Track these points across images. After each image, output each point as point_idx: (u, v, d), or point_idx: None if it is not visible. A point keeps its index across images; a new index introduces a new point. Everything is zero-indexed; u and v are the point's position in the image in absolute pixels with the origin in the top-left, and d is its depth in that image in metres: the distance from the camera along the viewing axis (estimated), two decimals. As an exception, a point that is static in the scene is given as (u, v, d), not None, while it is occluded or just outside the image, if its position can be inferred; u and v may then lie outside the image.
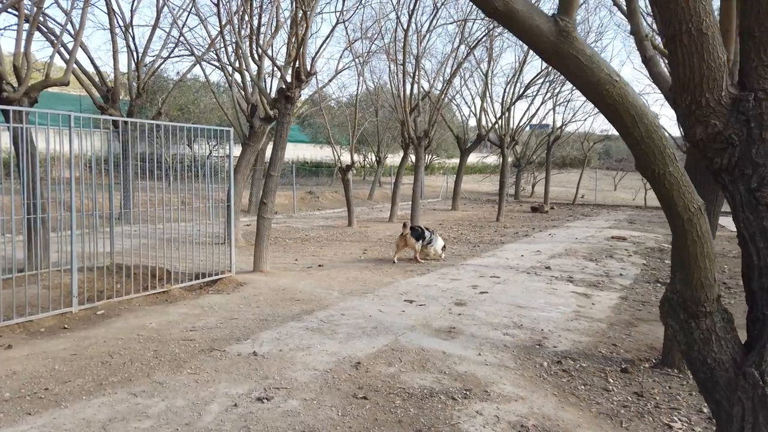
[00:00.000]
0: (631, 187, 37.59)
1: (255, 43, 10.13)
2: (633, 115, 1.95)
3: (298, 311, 6.52)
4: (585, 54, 1.86)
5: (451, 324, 6.09)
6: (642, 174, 2.07)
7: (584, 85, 1.87)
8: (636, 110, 1.95)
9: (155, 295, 7.21)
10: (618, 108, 1.88)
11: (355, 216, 16.80)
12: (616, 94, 1.89)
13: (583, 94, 1.96)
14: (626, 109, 1.88)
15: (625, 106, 1.87)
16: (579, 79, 1.86)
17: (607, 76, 1.84)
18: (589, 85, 1.85)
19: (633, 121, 1.95)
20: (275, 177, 8.83)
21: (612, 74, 1.84)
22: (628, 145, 1.96)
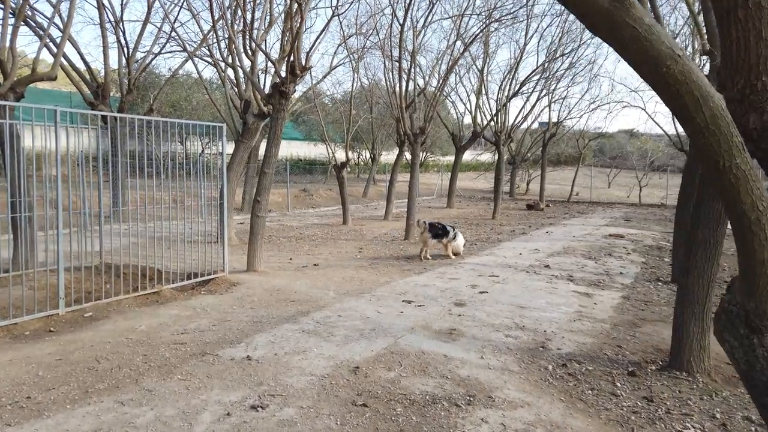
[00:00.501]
0: (625, 184, 37.59)
1: (248, 37, 9.90)
2: (697, 97, 1.71)
3: (294, 312, 6.32)
4: (643, 24, 1.63)
5: (452, 325, 5.91)
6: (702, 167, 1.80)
7: (641, 60, 1.64)
8: (701, 91, 1.70)
9: (146, 295, 6.99)
10: (679, 88, 1.65)
11: (350, 214, 16.61)
12: (678, 71, 1.65)
13: (638, 71, 1.73)
14: (689, 89, 1.65)
15: (688, 86, 1.64)
16: (635, 54, 1.64)
17: (668, 50, 1.62)
18: (646, 60, 1.62)
19: (696, 104, 1.72)
20: (269, 174, 8.62)
21: (674, 48, 1.61)
22: (687, 132, 1.74)
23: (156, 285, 7.25)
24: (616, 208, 25.52)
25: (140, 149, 15.41)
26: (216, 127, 8.00)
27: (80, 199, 7.17)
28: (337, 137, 35.89)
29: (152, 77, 24.88)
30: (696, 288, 4.79)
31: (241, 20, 10.77)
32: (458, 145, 23.30)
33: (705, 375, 4.76)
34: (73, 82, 13.62)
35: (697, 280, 4.79)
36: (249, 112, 11.99)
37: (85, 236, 7.16)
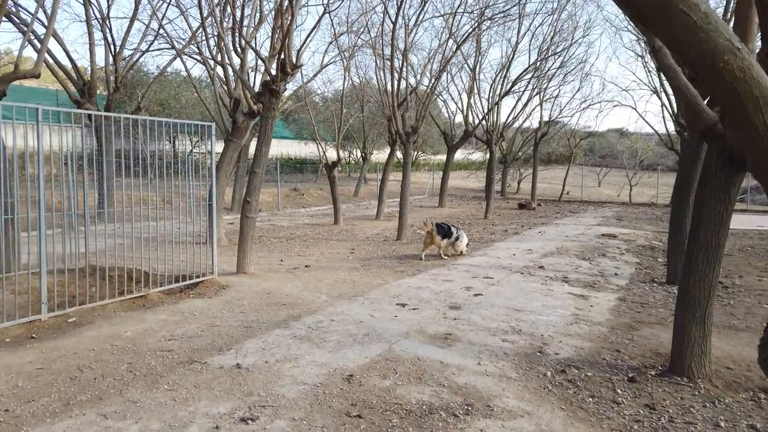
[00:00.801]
0: (615, 183, 37.71)
1: (238, 35, 9.71)
2: (756, 97, 1.49)
3: (285, 317, 6.16)
4: (698, 12, 1.43)
5: (447, 330, 5.77)
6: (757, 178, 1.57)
7: (695, 54, 1.45)
8: (761, 90, 1.49)
9: (132, 299, 6.80)
10: (737, 86, 1.46)
11: (341, 214, 16.45)
12: (737, 67, 1.45)
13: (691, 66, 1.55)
14: (748, 88, 1.46)
15: (747, 84, 1.45)
16: (688, 46, 1.45)
17: (726, 42, 1.42)
18: (701, 53, 1.41)
19: (756, 105, 1.50)
20: (260, 174, 8.44)
21: (732, 40, 1.42)
22: (742, 138, 1.57)
23: (143, 288, 7.06)
24: (607, 207, 25.54)
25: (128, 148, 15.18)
26: (206, 126, 7.82)
27: (65, 200, 6.96)
28: (328, 136, 35.70)
29: (140, 75, 24.57)
30: (697, 291, 4.68)
31: (230, 17, 10.58)
32: (450, 144, 23.20)
33: (706, 380, 4.65)
34: (58, 79, 13.34)
35: (698, 284, 4.68)
36: (239, 111, 11.80)
37: (69, 238, 6.95)
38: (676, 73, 4.67)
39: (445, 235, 10.44)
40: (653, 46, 4.73)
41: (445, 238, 10.45)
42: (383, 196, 18.01)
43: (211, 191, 8.32)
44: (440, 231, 10.39)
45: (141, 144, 8.00)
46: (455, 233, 10.65)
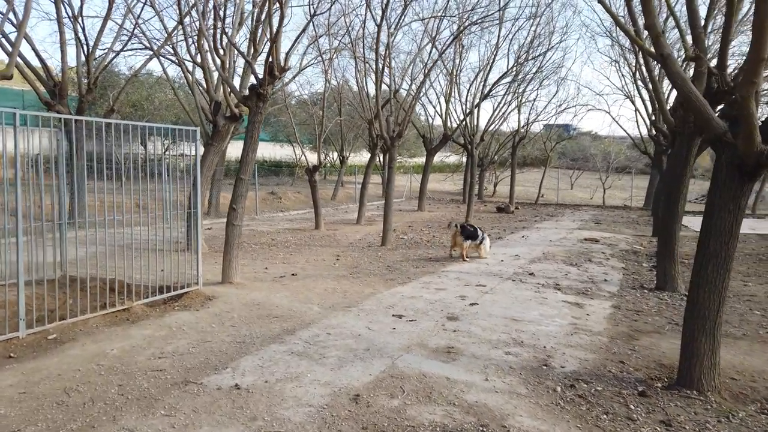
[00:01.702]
0: (587, 186, 38.20)
1: (222, 35, 9.42)
2: None
3: (279, 331, 5.92)
4: None
5: (449, 343, 5.61)
6: None
7: None
8: None
9: (114, 313, 6.47)
10: None
11: (322, 218, 16.19)
12: None
13: None
14: None
15: None
16: None
17: None
18: None
19: None
20: (245, 181, 8.17)
21: None
22: None
23: (126, 301, 6.74)
24: (583, 210, 25.80)
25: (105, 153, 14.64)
26: (189, 131, 7.53)
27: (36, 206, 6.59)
28: (305, 139, 35.34)
29: (111, 76, 23.89)
30: (707, 303, 4.62)
31: (212, 15, 10.26)
32: (429, 148, 23.12)
33: (716, 393, 4.59)
34: (28, 80, 12.80)
35: (708, 295, 4.62)
36: (219, 114, 11.48)
37: (45, 246, 6.58)
38: (685, 81, 4.60)
39: (468, 237, 10.65)
40: (661, 53, 4.65)
41: (469, 239, 10.66)
42: (364, 200, 17.81)
43: (192, 198, 8.02)
44: (464, 233, 10.61)
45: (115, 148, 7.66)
46: (480, 236, 10.86)
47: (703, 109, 4.58)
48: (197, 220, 7.78)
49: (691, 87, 4.59)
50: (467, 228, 10.70)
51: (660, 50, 4.69)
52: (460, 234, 10.52)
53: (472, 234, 10.69)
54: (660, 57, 4.69)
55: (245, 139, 8.11)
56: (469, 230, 10.67)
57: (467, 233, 10.60)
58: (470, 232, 10.67)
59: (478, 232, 10.86)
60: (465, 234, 10.57)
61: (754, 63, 3.87)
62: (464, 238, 10.55)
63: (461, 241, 10.54)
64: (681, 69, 4.65)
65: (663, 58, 4.66)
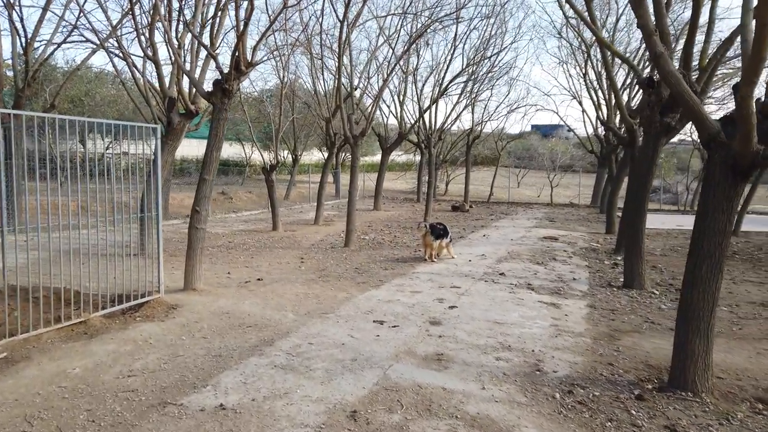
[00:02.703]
0: (533, 184, 39.02)
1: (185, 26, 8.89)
2: None
3: (256, 341, 5.56)
4: None
5: (437, 350, 5.41)
6: None
7: None
8: None
9: (70, 327, 5.94)
10: None
11: (280, 219, 15.73)
12: None
13: None
14: None
15: None
16: None
17: None
18: None
19: None
20: (209, 181, 7.73)
21: None
22: None
23: (82, 312, 6.20)
24: (535, 209, 26.24)
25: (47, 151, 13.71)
26: (149, 128, 7.04)
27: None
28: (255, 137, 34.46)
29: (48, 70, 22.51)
30: (701, 303, 4.60)
31: (167, 5, 9.71)
32: (384, 147, 22.95)
33: (710, 394, 4.58)
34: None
35: (701, 295, 4.60)
36: (174, 111, 10.93)
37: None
38: (679, 80, 4.56)
39: (438, 236, 10.51)
40: (654, 52, 4.60)
41: (439, 239, 10.52)
42: (322, 200, 17.44)
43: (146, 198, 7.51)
44: (434, 232, 10.47)
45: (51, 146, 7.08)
46: (450, 234, 10.79)
47: (696, 109, 4.55)
48: (158, 224, 7.28)
49: (685, 86, 4.56)
50: (437, 227, 10.59)
51: (653, 49, 4.63)
52: (430, 234, 10.36)
53: (442, 233, 10.56)
54: (653, 55, 4.63)
55: (209, 138, 7.67)
56: (439, 230, 10.57)
57: (437, 233, 10.48)
58: (440, 231, 10.55)
59: (448, 231, 10.77)
60: (435, 234, 10.43)
61: (755, 62, 3.84)
62: (434, 237, 10.40)
63: (431, 241, 10.41)
64: (674, 68, 4.60)
65: (656, 57, 4.61)
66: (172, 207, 18.96)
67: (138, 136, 7.00)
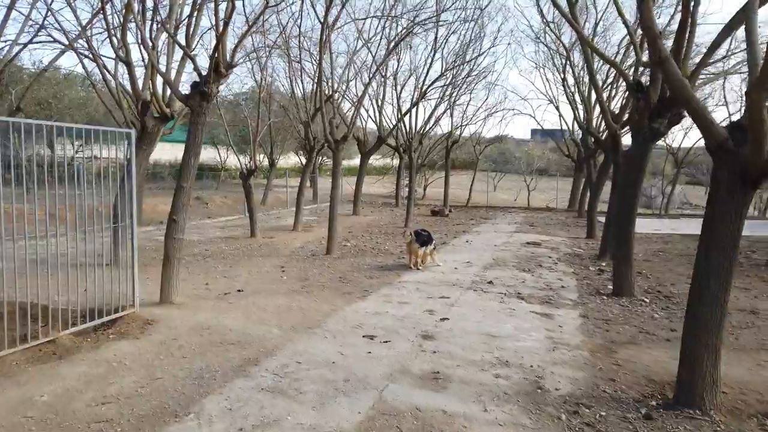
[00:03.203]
0: (508, 188, 39.16)
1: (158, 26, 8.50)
2: None
3: (239, 361, 5.23)
4: None
5: (432, 367, 5.15)
6: None
7: None
8: None
9: (38, 347, 5.51)
10: None
11: (258, 225, 15.32)
12: None
13: None
14: None
15: None
16: None
17: None
18: None
19: None
20: (187, 189, 7.36)
21: None
22: None
23: (50, 330, 5.77)
24: (513, 213, 26.26)
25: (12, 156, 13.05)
26: (124, 133, 6.65)
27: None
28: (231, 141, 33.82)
29: (13, 71, 21.69)
30: (709, 317, 4.42)
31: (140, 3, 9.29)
32: (363, 151, 22.68)
33: (718, 411, 4.41)
34: None
35: (710, 309, 4.42)
36: (148, 115, 10.51)
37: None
38: (685, 86, 4.39)
39: (423, 243, 10.33)
40: (658, 56, 4.42)
41: (424, 246, 10.34)
42: (301, 206, 17.09)
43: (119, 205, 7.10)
44: (419, 239, 10.28)
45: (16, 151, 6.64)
46: (435, 240, 10.62)
47: (703, 115, 4.38)
48: (133, 233, 6.89)
49: (691, 91, 4.39)
50: (422, 234, 10.38)
51: (657, 53, 4.45)
52: (415, 242, 10.13)
53: (426, 240, 10.35)
54: (657, 60, 4.45)
55: (187, 143, 7.30)
56: (424, 236, 10.36)
57: (422, 240, 10.27)
58: (425, 238, 10.34)
59: (432, 237, 10.58)
60: (420, 241, 10.23)
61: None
62: (419, 245, 10.18)
63: (416, 248, 10.19)
64: (680, 73, 4.43)
65: (662, 61, 4.43)
66: (146, 213, 18.38)
67: (111, 140, 6.61)
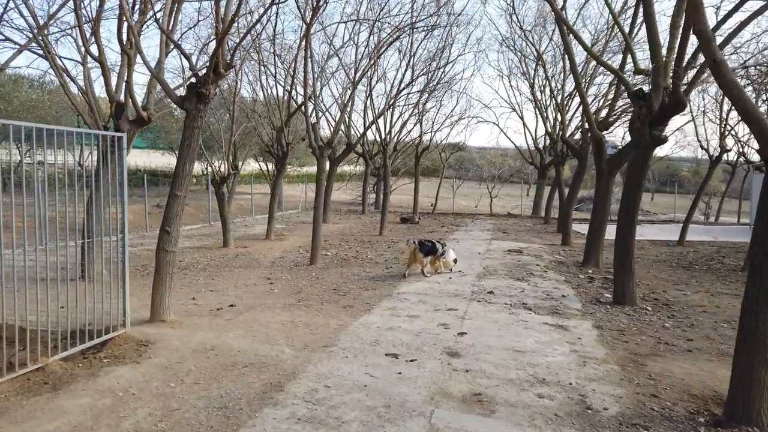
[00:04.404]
0: (466, 194, 39.34)
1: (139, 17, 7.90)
2: None
3: (261, 386, 4.77)
4: None
5: (471, 388, 4.83)
6: None
7: None
8: None
9: (26, 376, 4.90)
10: None
11: (231, 235, 14.68)
12: None
13: None
14: None
15: None
16: None
17: None
18: None
19: None
20: (181, 198, 6.82)
21: None
22: None
23: (39, 357, 5.15)
24: (481, 219, 26.30)
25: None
26: (115, 137, 6.10)
27: None
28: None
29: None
30: (765, 331, 4.28)
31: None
32: (332, 158, 22.24)
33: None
34: None
35: (765, 322, 4.28)
36: (123, 118, 9.84)
37: None
38: (740, 90, 4.26)
39: (428, 253, 10.30)
40: (713, 60, 4.27)
41: (428, 255, 10.31)
42: (274, 214, 16.53)
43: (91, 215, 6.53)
44: (422, 249, 10.25)
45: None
46: (440, 249, 10.52)
47: (757, 118, 4.25)
48: (124, 246, 6.31)
49: (747, 95, 4.26)
50: (425, 244, 10.45)
51: (711, 55, 4.31)
52: (419, 251, 10.12)
53: (431, 249, 10.39)
54: (712, 63, 4.31)
55: (181, 149, 6.76)
56: (428, 246, 10.42)
57: (426, 249, 10.29)
58: (429, 247, 10.40)
59: (436, 246, 10.54)
60: (424, 250, 10.25)
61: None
62: (424, 254, 10.21)
63: (421, 257, 10.21)
64: (734, 76, 4.30)
65: (715, 64, 4.28)
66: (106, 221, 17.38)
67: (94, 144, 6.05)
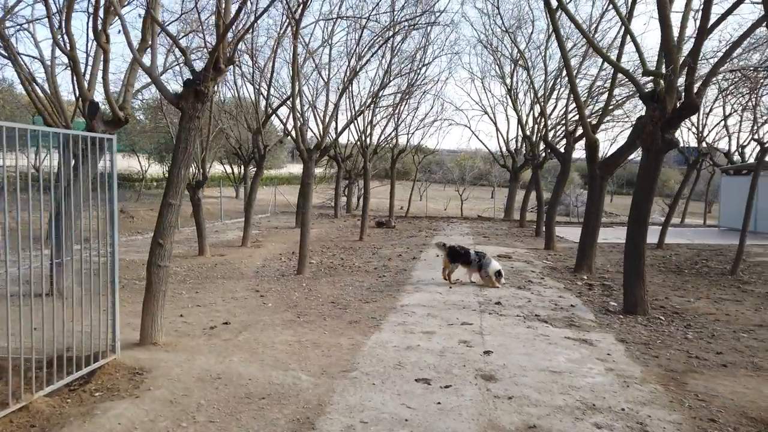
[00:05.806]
0: (433, 197, 39.15)
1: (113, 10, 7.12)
2: None
3: (288, 424, 4.19)
4: None
5: (523, 419, 4.36)
6: None
7: None
8: None
9: (8, 417, 4.19)
10: None
11: (207, 242, 13.89)
12: None
13: None
14: None
15: None
16: None
17: None
18: None
19: None
20: (175, 207, 6.15)
21: None
22: None
23: (24, 394, 4.43)
24: (456, 223, 26.05)
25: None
26: (104, 139, 5.42)
27: None
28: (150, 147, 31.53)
29: None
30: None
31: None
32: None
33: None
34: None
35: None
36: (98, 118, 9.04)
37: None
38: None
39: (455, 259, 9.97)
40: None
41: (456, 261, 9.98)
42: (251, 220, 15.80)
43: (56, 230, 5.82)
44: (453, 257, 9.99)
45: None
46: (475, 259, 9.89)
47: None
48: (114, 262, 5.62)
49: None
50: (458, 251, 10.10)
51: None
52: (447, 258, 10.05)
53: (460, 256, 10.00)
54: None
55: (175, 153, 6.09)
56: (460, 253, 10.01)
57: (459, 258, 10.04)
58: (461, 255, 10.04)
59: (470, 255, 9.98)
60: (451, 255, 10.08)
61: None
62: (458, 263, 10.04)
63: (447, 262, 10.16)
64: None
65: None
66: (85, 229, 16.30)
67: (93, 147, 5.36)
